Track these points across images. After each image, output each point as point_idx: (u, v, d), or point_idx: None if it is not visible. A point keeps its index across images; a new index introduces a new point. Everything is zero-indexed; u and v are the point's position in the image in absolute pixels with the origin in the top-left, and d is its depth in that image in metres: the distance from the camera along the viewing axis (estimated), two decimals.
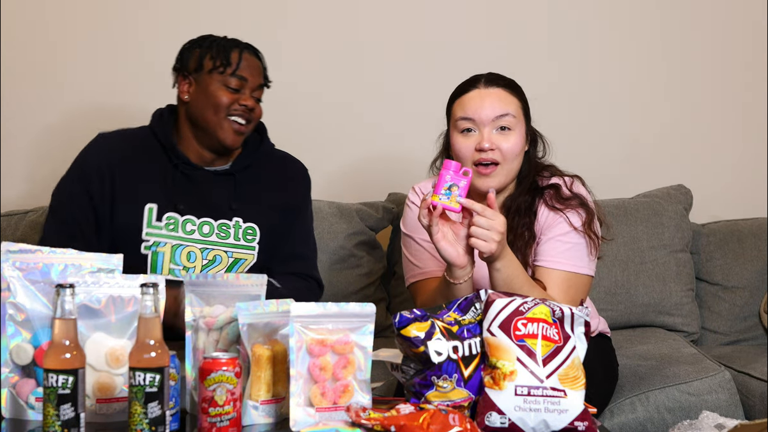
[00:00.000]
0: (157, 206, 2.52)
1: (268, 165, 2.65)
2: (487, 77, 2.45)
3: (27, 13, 3.31)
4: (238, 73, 2.53)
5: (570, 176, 2.48)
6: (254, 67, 2.57)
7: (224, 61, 2.53)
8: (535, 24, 3.48)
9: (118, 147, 2.58)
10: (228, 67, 2.53)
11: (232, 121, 2.53)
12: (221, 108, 2.52)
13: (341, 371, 1.83)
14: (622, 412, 2.62)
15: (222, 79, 2.53)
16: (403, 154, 3.40)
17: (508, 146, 2.39)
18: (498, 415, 1.81)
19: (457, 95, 2.46)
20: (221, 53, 2.54)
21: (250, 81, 2.55)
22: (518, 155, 2.42)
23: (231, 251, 2.55)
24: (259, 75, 2.58)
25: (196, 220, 2.53)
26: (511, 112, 2.40)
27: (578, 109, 3.47)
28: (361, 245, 3.17)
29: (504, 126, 2.40)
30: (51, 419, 1.69)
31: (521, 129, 2.42)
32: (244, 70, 2.54)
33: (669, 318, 3.19)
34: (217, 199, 2.56)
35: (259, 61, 2.61)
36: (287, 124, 3.38)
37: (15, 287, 1.89)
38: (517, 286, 2.25)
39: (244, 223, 2.57)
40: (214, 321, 1.91)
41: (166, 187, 2.53)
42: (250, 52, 2.58)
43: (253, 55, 2.58)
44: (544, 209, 2.43)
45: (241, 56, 2.55)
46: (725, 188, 3.55)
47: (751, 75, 3.54)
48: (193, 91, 2.55)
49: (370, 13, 3.43)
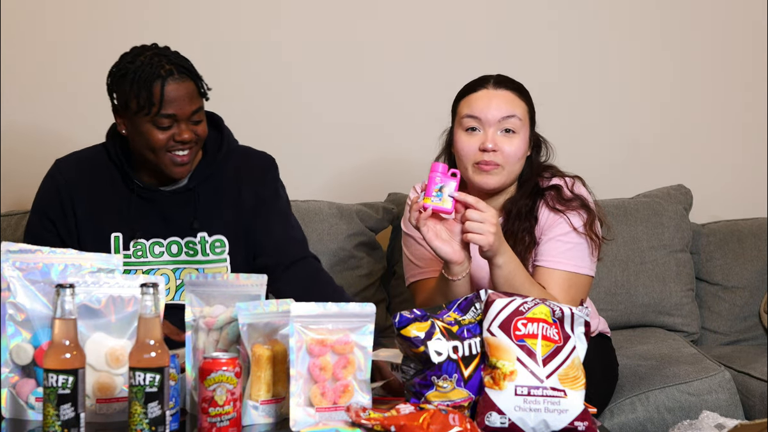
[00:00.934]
0: (122, 234, 2.44)
1: (229, 169, 2.50)
2: (496, 78, 2.46)
3: (27, 12, 3.31)
4: (163, 112, 2.33)
5: (571, 177, 2.49)
6: (182, 95, 2.34)
7: (147, 101, 2.32)
8: (535, 24, 3.48)
9: (75, 177, 2.47)
10: (152, 107, 2.32)
11: (172, 155, 2.37)
12: (157, 148, 2.36)
13: (341, 371, 1.83)
14: (622, 412, 2.62)
15: (150, 120, 2.34)
16: (403, 155, 3.39)
17: (511, 150, 2.39)
18: (498, 415, 1.81)
19: (464, 93, 2.47)
20: (143, 90, 2.32)
21: (180, 114, 2.34)
22: (520, 159, 2.42)
23: (202, 267, 2.46)
24: (190, 101, 2.35)
25: (163, 242, 2.45)
26: (517, 114, 2.41)
27: (578, 109, 3.47)
28: (361, 246, 3.17)
29: (509, 128, 2.40)
30: (51, 419, 1.69)
31: (525, 133, 2.42)
32: (171, 106, 2.33)
33: (669, 318, 3.19)
34: (179, 218, 2.46)
35: (190, 78, 2.37)
36: (287, 125, 3.38)
37: (15, 287, 1.89)
38: (518, 283, 2.26)
39: (210, 236, 2.46)
40: (214, 321, 1.91)
41: (128, 214, 2.44)
42: (174, 78, 2.33)
43: (179, 80, 2.34)
44: (545, 210, 2.44)
45: (163, 91, 2.31)
46: (725, 188, 3.55)
47: (751, 75, 3.54)
48: (129, 129, 2.39)
49: (369, 12, 3.43)
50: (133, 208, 2.44)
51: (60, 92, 3.34)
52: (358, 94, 3.42)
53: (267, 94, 2.82)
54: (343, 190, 3.39)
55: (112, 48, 3.33)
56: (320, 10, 3.41)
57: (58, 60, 3.34)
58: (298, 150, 3.37)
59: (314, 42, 3.40)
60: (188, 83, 2.36)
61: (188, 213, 2.46)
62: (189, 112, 2.35)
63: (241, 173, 2.51)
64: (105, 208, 2.45)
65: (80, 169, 2.49)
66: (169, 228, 2.45)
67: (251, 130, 2.87)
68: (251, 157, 2.56)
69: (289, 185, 2.64)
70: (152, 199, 2.46)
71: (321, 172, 3.37)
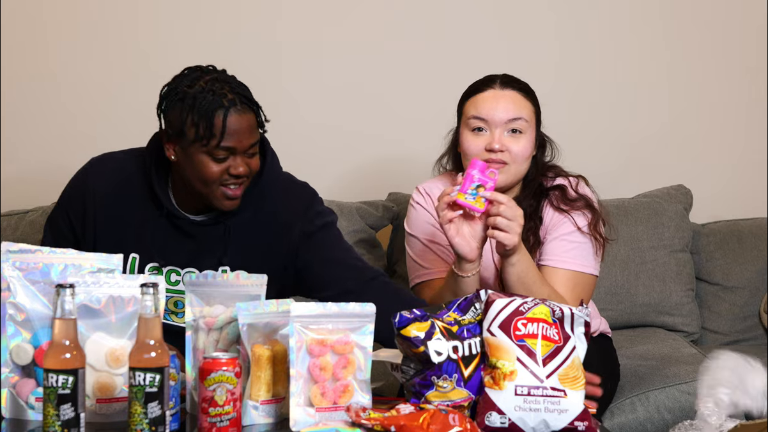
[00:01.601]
0: (139, 257, 2.29)
1: (267, 199, 2.33)
2: (502, 78, 2.46)
3: (28, 12, 3.31)
4: (223, 145, 2.17)
5: (575, 176, 2.49)
6: (243, 128, 2.19)
7: (207, 131, 2.16)
8: (535, 24, 3.48)
9: (103, 185, 2.32)
10: (212, 138, 2.16)
11: (224, 189, 2.22)
12: (210, 181, 2.20)
13: (341, 371, 1.83)
14: (622, 412, 2.62)
15: (207, 151, 2.18)
16: (404, 153, 3.39)
17: (518, 149, 2.39)
18: (498, 415, 1.81)
19: (470, 93, 2.46)
20: (203, 119, 2.16)
21: (239, 147, 2.19)
22: (527, 159, 2.42)
23: None
24: (249, 134, 2.21)
25: (180, 271, 2.29)
26: (524, 116, 2.41)
27: (578, 108, 3.47)
28: (361, 243, 3.16)
29: (516, 129, 2.40)
30: (51, 419, 1.69)
31: (532, 133, 2.43)
32: (231, 139, 2.18)
33: (669, 318, 3.20)
34: (204, 250, 2.29)
35: (251, 111, 2.22)
36: (286, 125, 3.38)
37: (15, 287, 1.89)
38: (530, 281, 2.26)
39: (234, 271, 2.25)
40: (214, 321, 1.91)
41: (150, 237, 2.29)
42: (237, 109, 2.18)
43: (241, 112, 2.19)
44: (549, 210, 2.44)
45: (225, 122, 2.16)
46: (725, 188, 3.55)
47: (751, 75, 3.54)
48: (179, 156, 2.23)
49: (369, 12, 3.43)
50: (158, 231, 2.30)
51: (60, 92, 3.34)
52: (359, 93, 3.42)
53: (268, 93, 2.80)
54: (344, 189, 3.39)
55: (110, 47, 3.35)
56: (320, 10, 3.41)
57: (58, 60, 3.34)
58: (299, 149, 3.37)
59: (314, 42, 3.40)
60: (250, 115, 2.21)
61: (216, 248, 2.30)
62: (247, 146, 2.21)
63: (278, 206, 2.33)
64: (128, 223, 2.31)
65: (112, 177, 2.34)
66: (191, 258, 2.30)
67: None
68: (292, 190, 2.39)
69: None
70: (179, 227, 2.30)
71: (322, 170, 3.37)
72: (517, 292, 2.24)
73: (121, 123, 2.96)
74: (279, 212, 2.33)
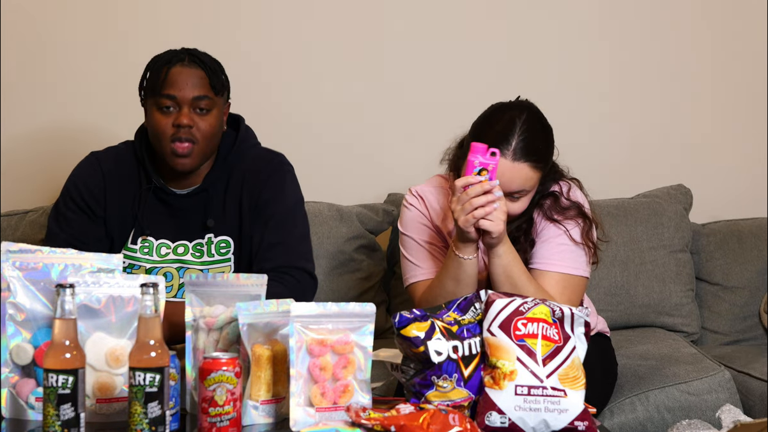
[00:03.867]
0: (133, 229, 2.45)
1: (239, 170, 2.48)
2: (516, 147, 2.30)
3: (28, 12, 3.31)
4: (165, 92, 2.34)
5: (567, 180, 2.47)
6: (186, 79, 2.35)
7: (152, 81, 2.36)
8: (535, 24, 3.48)
9: (106, 168, 2.49)
10: (156, 87, 2.35)
11: (173, 146, 2.36)
12: (159, 134, 2.36)
13: (341, 371, 1.83)
14: (622, 412, 2.62)
15: (155, 102, 2.36)
16: (403, 156, 3.39)
17: (516, 207, 2.36)
18: (498, 415, 1.81)
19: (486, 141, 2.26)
20: (153, 73, 2.36)
21: (180, 96, 2.34)
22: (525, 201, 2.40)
23: (206, 268, 2.45)
24: (194, 86, 2.36)
25: (170, 244, 2.45)
26: (527, 188, 2.35)
27: (578, 109, 3.47)
28: (361, 249, 3.16)
29: (517, 195, 2.35)
30: (51, 419, 1.69)
31: (534, 191, 2.39)
32: (172, 87, 2.34)
33: (669, 318, 3.19)
34: (192, 221, 2.45)
35: (201, 68, 2.38)
36: (286, 125, 3.38)
37: (15, 287, 1.89)
38: (515, 275, 2.28)
39: (216, 237, 2.45)
40: (214, 321, 1.91)
41: (142, 210, 2.44)
42: (183, 63, 2.37)
43: (186, 66, 2.37)
44: (541, 219, 2.43)
45: (168, 72, 2.35)
46: (725, 188, 3.55)
47: (752, 75, 3.54)
48: (146, 117, 2.43)
49: (369, 12, 3.43)
50: (147, 206, 2.45)
51: (60, 92, 3.33)
52: (357, 96, 3.42)
53: (267, 96, 2.81)
54: (343, 191, 3.39)
55: (110, 47, 3.35)
56: (319, 10, 3.41)
57: (57, 60, 3.34)
58: (297, 150, 3.36)
59: (314, 42, 3.40)
60: (197, 70, 2.38)
61: (201, 214, 2.45)
62: (190, 97, 2.35)
63: (246, 175, 2.48)
64: (125, 199, 2.46)
65: (115, 161, 2.50)
66: (180, 231, 2.46)
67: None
68: (261, 159, 2.52)
69: None
70: (166, 201, 2.46)
71: (320, 172, 3.37)
72: (503, 288, 2.26)
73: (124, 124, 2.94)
74: (245, 181, 2.47)
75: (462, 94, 3.33)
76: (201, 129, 2.37)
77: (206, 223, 2.44)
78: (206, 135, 2.38)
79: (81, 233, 2.44)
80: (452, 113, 2.57)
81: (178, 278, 2.45)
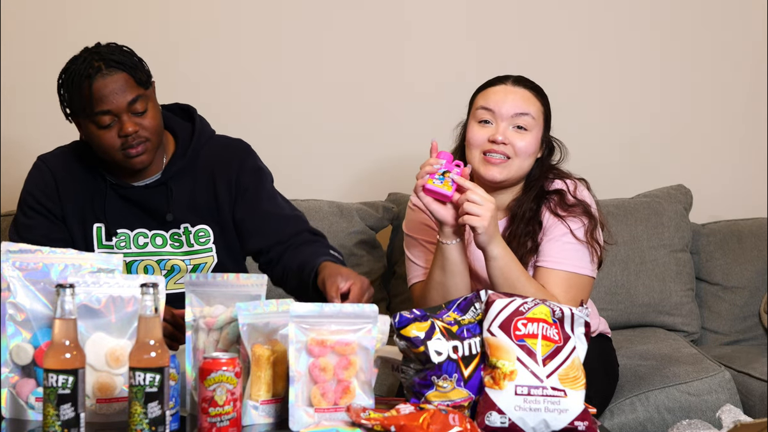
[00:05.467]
0: (104, 225, 2.41)
1: (203, 159, 2.46)
2: (515, 78, 2.49)
3: (27, 12, 3.31)
4: (98, 110, 2.28)
5: (574, 180, 2.48)
6: (113, 89, 2.28)
7: (79, 102, 2.29)
8: (535, 24, 3.48)
9: (60, 167, 2.44)
10: (86, 107, 2.28)
11: (124, 153, 2.32)
12: (108, 148, 2.32)
13: (342, 372, 1.83)
14: (622, 412, 2.62)
15: (91, 120, 2.30)
16: (403, 154, 3.39)
17: (522, 144, 2.40)
18: (498, 415, 1.81)
19: (482, 88, 2.50)
20: (75, 92, 2.29)
21: (114, 108, 2.28)
22: (530, 156, 2.43)
23: (188, 258, 2.43)
24: (123, 92, 2.28)
25: (148, 233, 2.42)
26: (531, 113, 2.42)
27: (578, 109, 3.47)
28: (361, 244, 3.17)
29: (521, 125, 2.41)
30: (51, 419, 1.69)
31: (538, 132, 2.43)
32: (103, 102, 2.27)
33: (669, 318, 3.19)
34: (157, 213, 2.42)
35: (122, 70, 2.30)
36: (286, 125, 3.38)
37: (15, 287, 1.89)
38: (514, 277, 2.28)
39: (193, 227, 2.42)
40: (214, 321, 1.91)
41: (108, 206, 2.41)
42: (102, 74, 2.28)
43: (107, 75, 2.29)
44: (547, 215, 2.44)
45: (91, 89, 2.27)
46: (725, 188, 3.55)
47: (752, 75, 3.54)
48: (82, 132, 2.37)
49: (370, 14, 3.43)
50: (109, 202, 2.41)
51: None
52: (358, 94, 3.42)
53: (268, 95, 2.81)
54: (344, 189, 3.39)
55: None
56: (319, 10, 3.41)
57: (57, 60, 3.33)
58: (299, 149, 3.37)
59: (314, 41, 3.40)
60: (119, 75, 2.29)
61: (163, 207, 2.42)
62: (125, 105, 2.29)
63: (214, 164, 2.45)
64: (86, 198, 2.41)
65: (63, 161, 2.45)
66: (147, 222, 2.42)
67: (251, 130, 2.88)
68: (226, 147, 2.49)
69: (290, 184, 2.64)
70: (126, 196, 2.42)
71: (321, 171, 3.37)
72: (502, 289, 2.26)
73: None
74: (215, 169, 2.45)
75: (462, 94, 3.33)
76: (147, 127, 2.32)
77: (166, 217, 2.41)
78: (153, 129, 2.34)
79: (43, 236, 2.38)
80: (453, 113, 2.57)
81: (160, 271, 2.42)
